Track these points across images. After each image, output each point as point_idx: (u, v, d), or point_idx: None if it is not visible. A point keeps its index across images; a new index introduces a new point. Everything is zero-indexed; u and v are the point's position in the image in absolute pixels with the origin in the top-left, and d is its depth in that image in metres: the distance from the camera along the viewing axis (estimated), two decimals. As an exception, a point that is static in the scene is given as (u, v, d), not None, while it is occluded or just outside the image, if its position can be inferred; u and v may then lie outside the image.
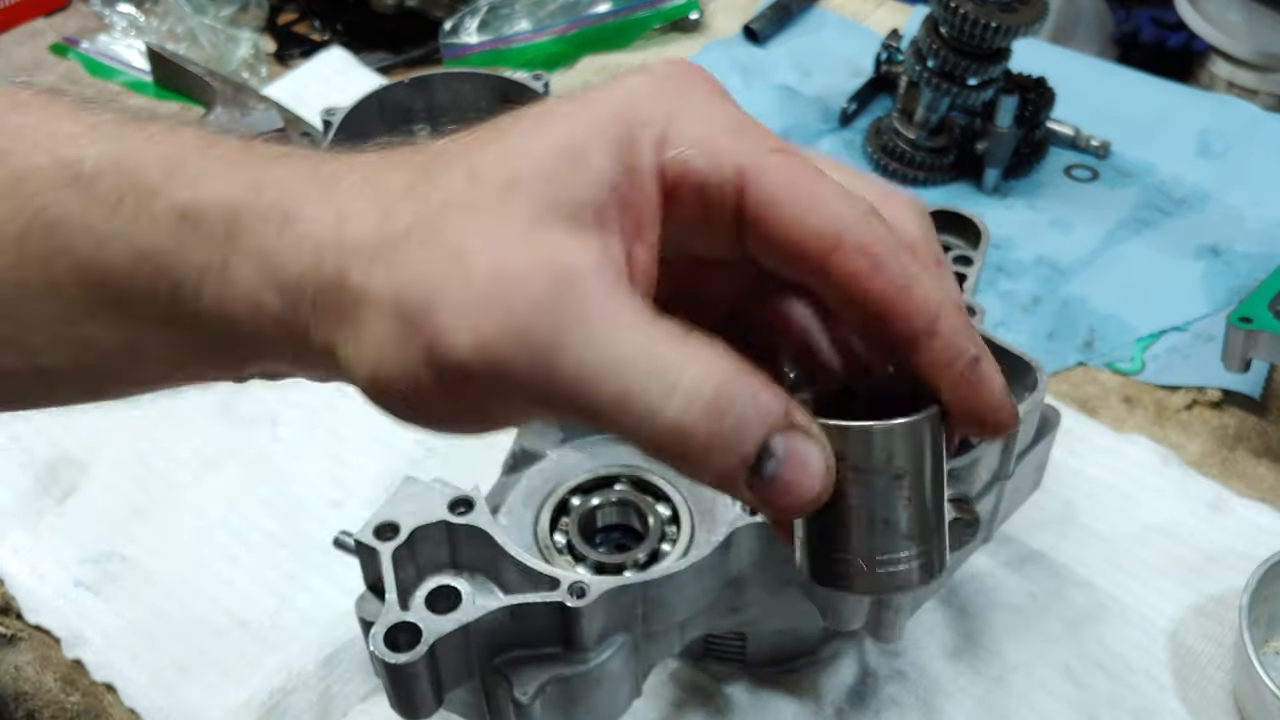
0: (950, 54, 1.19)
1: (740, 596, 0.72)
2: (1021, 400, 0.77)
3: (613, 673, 0.68)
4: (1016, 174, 1.28)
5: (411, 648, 0.63)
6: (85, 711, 0.85)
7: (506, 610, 0.65)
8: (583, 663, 0.67)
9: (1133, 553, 0.93)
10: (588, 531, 0.76)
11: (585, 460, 0.80)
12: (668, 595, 0.68)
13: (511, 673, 0.66)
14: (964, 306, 0.46)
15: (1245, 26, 2.03)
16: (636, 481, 0.78)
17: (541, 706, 0.66)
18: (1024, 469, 0.80)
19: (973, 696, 0.85)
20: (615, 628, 0.67)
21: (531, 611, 0.65)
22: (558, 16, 1.49)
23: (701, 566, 0.68)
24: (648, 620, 0.69)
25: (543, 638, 0.66)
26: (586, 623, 0.65)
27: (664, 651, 0.73)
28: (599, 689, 0.68)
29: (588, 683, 0.68)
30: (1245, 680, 0.81)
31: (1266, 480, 0.99)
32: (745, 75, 1.46)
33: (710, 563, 0.68)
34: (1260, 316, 0.96)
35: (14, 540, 0.95)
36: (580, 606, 0.64)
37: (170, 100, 1.44)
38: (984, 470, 0.76)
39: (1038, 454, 0.81)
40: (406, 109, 1.21)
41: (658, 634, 0.71)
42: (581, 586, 0.65)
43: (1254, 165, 1.29)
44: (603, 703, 0.70)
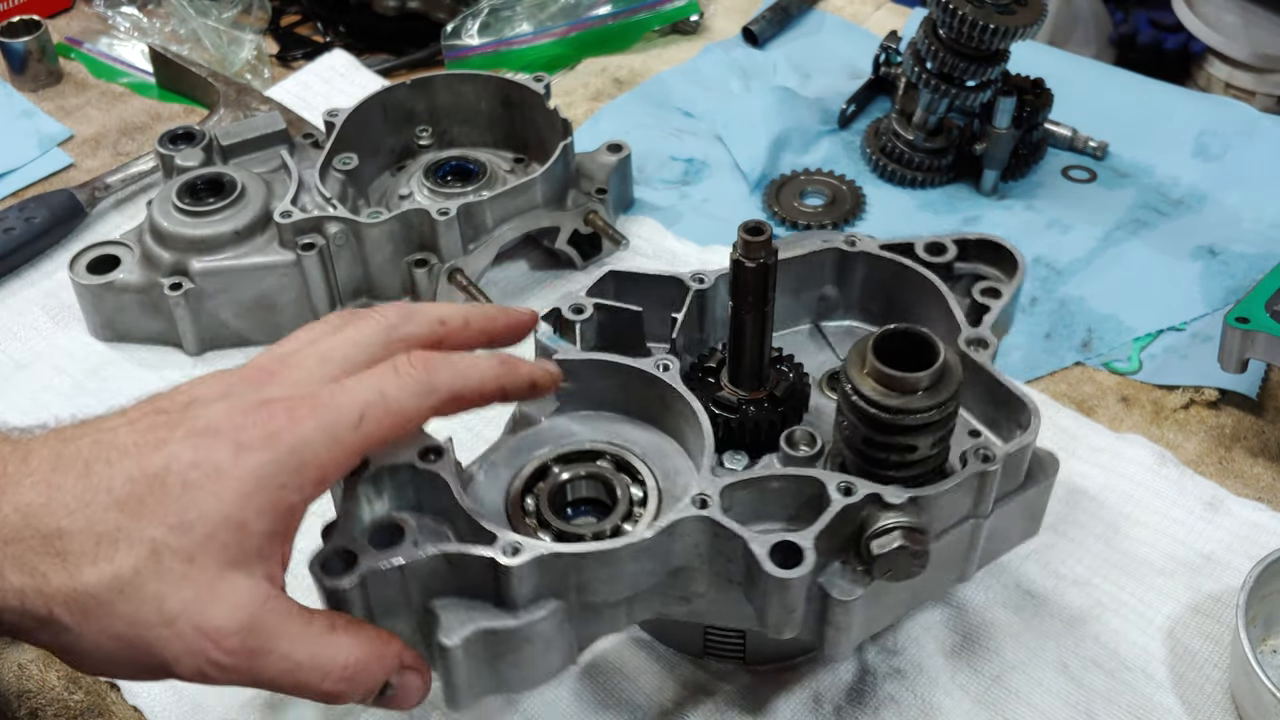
0: (948, 56, 1.19)
1: (689, 587, 0.73)
2: (1012, 437, 0.76)
3: (543, 634, 0.70)
4: (1014, 175, 1.29)
5: (345, 574, 0.67)
6: (88, 709, 0.86)
7: (443, 557, 0.68)
8: (512, 620, 0.69)
9: (1130, 551, 0.94)
10: (559, 500, 0.77)
11: (578, 431, 0.81)
12: (603, 571, 0.69)
13: (442, 616, 0.69)
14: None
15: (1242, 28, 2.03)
16: (618, 460, 0.79)
17: (465, 654, 0.69)
18: (1010, 511, 0.78)
19: (971, 694, 0.85)
20: (548, 592, 0.69)
21: (466, 562, 0.68)
22: (559, 19, 1.50)
23: (639, 549, 0.69)
24: (584, 592, 0.70)
25: (478, 590, 0.69)
26: (516, 581, 0.68)
27: (609, 627, 0.74)
28: (527, 647, 0.70)
29: (515, 640, 0.70)
30: (1242, 678, 0.81)
31: (1263, 479, 0.99)
32: (745, 77, 1.47)
33: (648, 547, 0.69)
34: (1257, 316, 0.96)
35: (18, 539, 0.95)
36: (511, 565, 0.67)
37: (173, 102, 1.45)
38: (953, 505, 0.74)
39: (1029, 499, 0.79)
40: (408, 111, 1.21)
41: (600, 608, 0.72)
42: (515, 545, 0.68)
43: (1251, 166, 1.29)
44: (530, 662, 0.71)
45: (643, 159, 1.31)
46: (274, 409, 0.62)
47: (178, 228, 1.08)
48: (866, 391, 0.69)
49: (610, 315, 0.83)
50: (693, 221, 1.25)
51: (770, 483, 0.73)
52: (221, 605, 0.59)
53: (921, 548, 0.70)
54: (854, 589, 0.71)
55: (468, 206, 1.08)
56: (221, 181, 1.11)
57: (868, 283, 0.88)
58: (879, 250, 0.86)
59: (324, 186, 1.11)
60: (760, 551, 0.68)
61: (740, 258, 0.74)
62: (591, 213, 1.16)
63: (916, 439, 0.70)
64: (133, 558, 0.58)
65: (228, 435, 0.61)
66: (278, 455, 0.61)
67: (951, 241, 0.87)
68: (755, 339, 0.78)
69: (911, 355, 0.70)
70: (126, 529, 0.59)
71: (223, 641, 0.59)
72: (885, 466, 0.72)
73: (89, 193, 1.25)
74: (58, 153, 1.38)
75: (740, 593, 0.72)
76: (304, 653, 0.62)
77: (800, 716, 0.84)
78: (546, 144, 1.18)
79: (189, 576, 0.59)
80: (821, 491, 0.71)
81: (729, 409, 0.79)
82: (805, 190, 1.29)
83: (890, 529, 0.69)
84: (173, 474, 0.60)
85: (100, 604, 0.58)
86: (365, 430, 0.63)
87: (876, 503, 0.71)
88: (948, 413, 0.70)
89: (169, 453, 0.60)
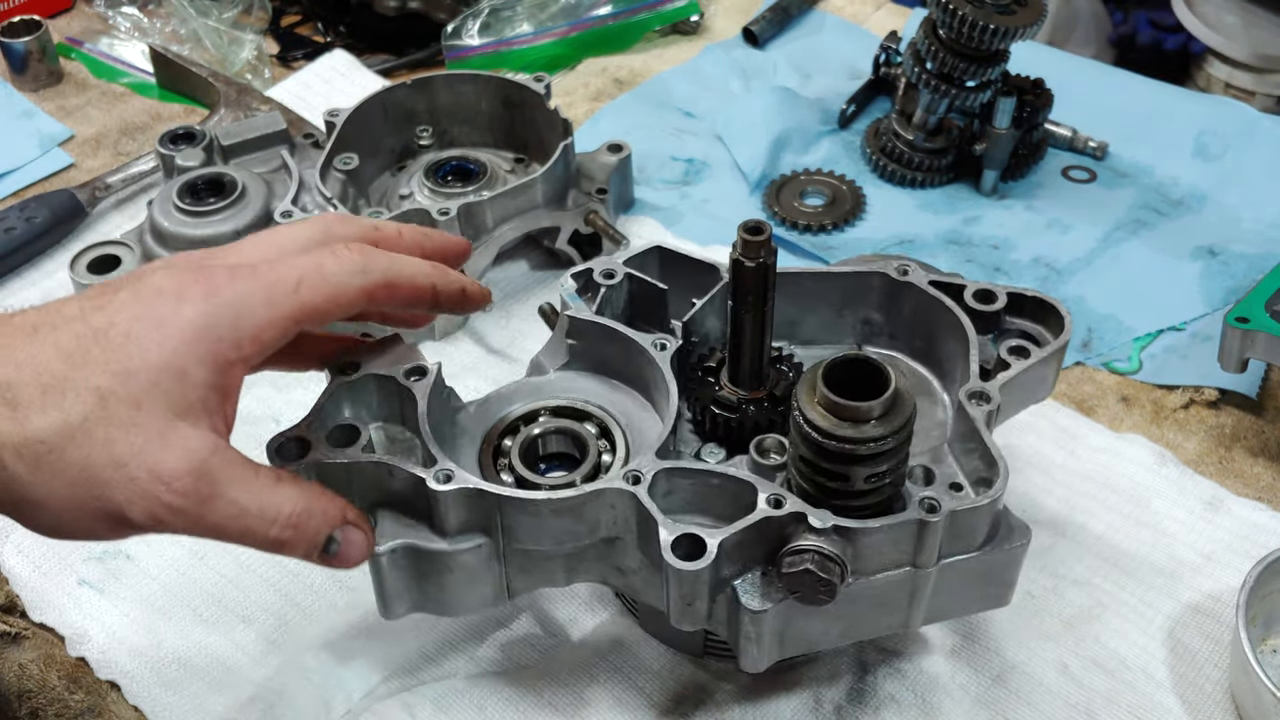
0: (948, 56, 1.19)
1: (622, 560, 0.75)
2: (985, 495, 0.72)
3: (468, 566, 0.74)
4: (1014, 175, 1.29)
5: (295, 460, 0.72)
6: (89, 709, 0.86)
7: (386, 467, 0.73)
8: (439, 543, 0.73)
9: (1130, 551, 0.94)
10: (532, 450, 0.80)
11: (579, 388, 0.83)
12: (525, 518, 0.72)
13: (379, 522, 0.74)
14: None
15: (1242, 29, 2.03)
16: (603, 426, 0.80)
17: (390, 563, 0.73)
18: (964, 570, 0.74)
19: (971, 694, 0.85)
20: (476, 527, 0.73)
21: (401, 478, 0.73)
22: (559, 19, 1.50)
23: (559, 505, 0.71)
24: (509, 535, 0.73)
25: (415, 510, 0.74)
26: (444, 508, 0.72)
27: (544, 580, 0.77)
28: (450, 575, 0.74)
29: (439, 565, 0.74)
30: (1242, 678, 0.81)
31: (1263, 479, 0.99)
32: (745, 77, 1.47)
33: (569, 507, 0.71)
34: (1257, 316, 0.96)
35: (19, 539, 0.95)
36: (438, 490, 0.71)
37: (173, 102, 1.45)
38: (884, 547, 0.71)
39: (989, 563, 0.75)
40: (409, 111, 1.21)
41: (534, 558, 0.75)
42: (448, 473, 0.71)
43: (1251, 166, 1.29)
44: (455, 590, 0.75)
45: (643, 159, 1.31)
46: (215, 271, 0.66)
47: (179, 228, 1.08)
48: (813, 417, 0.68)
49: (639, 287, 0.85)
50: (693, 221, 1.25)
51: (711, 478, 0.74)
52: (172, 450, 0.61)
53: (829, 577, 0.68)
54: (764, 602, 0.71)
55: (468, 206, 1.08)
56: (222, 181, 1.11)
57: (913, 315, 0.86)
58: (925, 285, 0.84)
59: (325, 186, 1.11)
60: (666, 537, 0.70)
61: (740, 257, 0.74)
62: (592, 213, 1.16)
63: (852, 469, 0.69)
64: (80, 405, 0.60)
65: (170, 293, 0.64)
66: (215, 308, 0.64)
67: (1005, 293, 0.84)
68: (754, 338, 0.78)
69: (865, 384, 0.68)
70: (72, 378, 0.61)
71: (174, 484, 0.61)
72: (825, 493, 0.71)
73: (90, 192, 1.25)
74: (58, 153, 1.38)
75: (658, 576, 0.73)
76: (251, 500, 0.64)
77: (800, 716, 0.84)
78: (547, 144, 1.18)
79: (137, 423, 0.61)
80: (753, 498, 0.72)
81: (728, 408, 0.79)
82: (805, 190, 1.29)
83: (804, 550, 0.69)
84: (116, 327, 0.62)
85: (51, 450, 0.59)
86: (302, 296, 0.66)
87: (802, 522, 0.70)
88: (891, 446, 0.68)
89: (113, 309, 0.63)
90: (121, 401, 0.60)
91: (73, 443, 0.60)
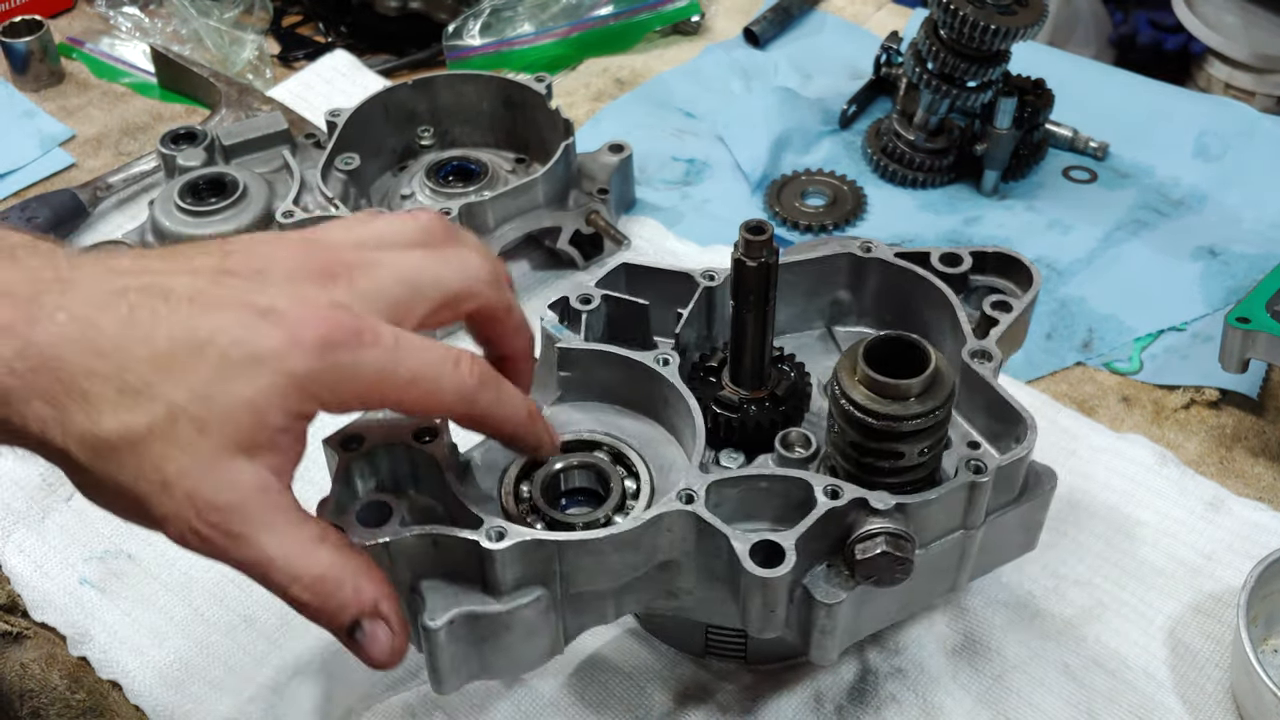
0: (949, 56, 1.19)
1: (675, 582, 0.74)
2: (1008, 450, 0.75)
3: (526, 621, 0.70)
4: (1015, 175, 1.29)
5: None
6: (91, 709, 0.86)
7: (430, 538, 0.69)
8: (496, 604, 0.69)
9: (1131, 551, 0.94)
10: (553, 489, 0.77)
11: (577, 420, 0.81)
12: (586, 560, 0.70)
13: (428, 598, 0.70)
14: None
15: (1242, 29, 2.04)
16: (614, 452, 0.79)
17: (448, 637, 0.69)
18: (1004, 525, 0.78)
19: (972, 694, 0.85)
20: (533, 580, 0.70)
21: (452, 544, 0.68)
22: (560, 19, 1.50)
23: (622, 540, 0.69)
24: (568, 581, 0.70)
25: (464, 574, 0.70)
26: (500, 567, 0.68)
27: (596, 618, 0.74)
28: (509, 634, 0.71)
29: (497, 625, 0.70)
30: (1243, 678, 0.81)
31: (1264, 479, 0.99)
32: (746, 78, 1.47)
33: (632, 539, 0.70)
34: (1258, 317, 0.96)
35: (20, 538, 0.95)
36: (495, 549, 0.67)
37: (174, 102, 1.45)
38: (941, 515, 0.74)
39: (1024, 513, 0.78)
40: (410, 111, 1.22)
41: (586, 599, 0.72)
42: (500, 531, 0.68)
43: (1251, 167, 1.29)
44: (514, 648, 0.72)
45: (644, 159, 1.31)
46: (342, 321, 0.61)
47: (180, 227, 1.08)
48: (857, 398, 0.69)
49: (618, 307, 0.83)
50: (694, 222, 1.25)
51: (759, 482, 0.73)
52: (216, 480, 0.59)
53: (905, 555, 0.69)
54: (838, 593, 0.71)
55: (469, 206, 1.08)
56: (224, 181, 1.12)
57: (881, 290, 0.88)
58: (893, 258, 0.86)
59: (326, 186, 1.11)
60: (741, 549, 0.69)
61: (742, 257, 0.74)
62: (593, 213, 1.16)
63: (905, 445, 0.70)
64: (149, 416, 0.58)
65: (286, 326, 0.60)
66: (325, 368, 0.60)
67: (968, 253, 0.87)
68: (756, 338, 0.78)
69: (903, 362, 0.70)
70: (152, 386, 0.58)
71: (207, 514, 0.59)
72: (874, 472, 0.72)
73: (91, 192, 1.26)
74: (59, 153, 1.38)
75: (725, 590, 0.73)
76: (279, 550, 0.61)
77: (802, 716, 0.84)
78: (548, 144, 1.18)
79: (196, 446, 0.58)
80: (809, 494, 0.72)
81: (730, 408, 0.79)
82: (806, 191, 1.29)
83: (874, 534, 0.70)
84: (215, 345, 0.59)
85: (112, 451, 0.58)
86: (404, 394, 0.63)
87: (863, 508, 0.71)
88: (937, 420, 0.70)
89: (219, 321, 0.59)
90: (190, 422, 0.58)
91: (131, 451, 0.58)
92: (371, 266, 0.64)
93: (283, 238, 0.66)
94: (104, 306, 0.59)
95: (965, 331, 0.81)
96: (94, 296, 0.59)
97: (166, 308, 0.59)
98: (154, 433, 0.58)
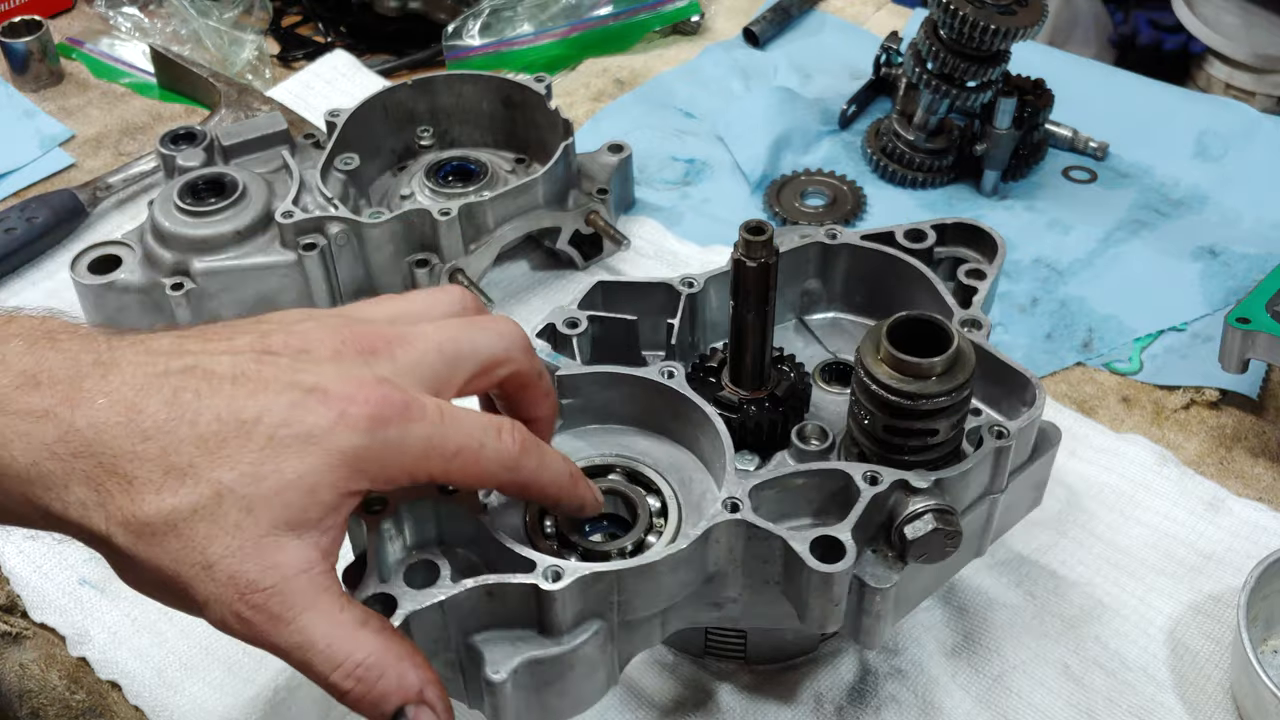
0: (949, 56, 1.19)
1: (721, 592, 0.73)
2: (1018, 415, 0.77)
3: (587, 658, 0.69)
4: (1015, 175, 1.29)
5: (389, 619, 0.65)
6: (90, 709, 0.86)
7: (483, 589, 0.67)
8: (556, 646, 0.68)
9: (1130, 552, 0.94)
10: (576, 519, 0.75)
11: (582, 448, 0.80)
12: (644, 585, 0.69)
13: (486, 651, 0.68)
14: None
15: (1242, 29, 2.04)
16: (630, 473, 0.78)
17: (513, 686, 0.68)
18: (1020, 485, 0.80)
19: (972, 694, 0.85)
20: (591, 613, 0.69)
21: (507, 592, 0.67)
22: (559, 19, 1.50)
23: (678, 559, 0.69)
24: (624, 609, 0.69)
25: (519, 619, 0.68)
26: (560, 607, 0.66)
27: (644, 642, 0.74)
28: (572, 673, 0.69)
29: (561, 666, 0.69)
30: (1243, 678, 0.81)
31: (1264, 480, 0.99)
32: (745, 78, 1.47)
33: (687, 556, 0.69)
34: (1258, 317, 0.96)
35: (19, 539, 0.95)
36: (555, 590, 0.66)
37: (174, 102, 1.45)
38: (973, 484, 0.75)
39: (1035, 471, 0.81)
40: (409, 111, 1.22)
41: (637, 623, 0.71)
42: (557, 570, 0.66)
43: (1251, 167, 1.29)
44: (576, 687, 0.71)
45: (644, 159, 1.31)
46: (389, 397, 0.61)
47: (179, 228, 1.08)
48: (883, 378, 0.70)
49: (603, 327, 0.83)
50: (694, 222, 1.25)
51: (794, 479, 0.73)
52: (260, 561, 0.58)
53: (954, 528, 0.71)
54: (890, 575, 0.72)
55: (469, 207, 1.08)
56: (223, 181, 1.12)
57: (850, 274, 0.89)
58: (861, 241, 0.87)
59: (325, 186, 1.11)
60: (802, 549, 0.69)
61: (742, 257, 0.74)
62: (593, 213, 1.16)
63: (938, 422, 0.72)
64: (194, 496, 0.57)
65: (334, 404, 0.59)
66: (374, 444, 0.60)
67: (930, 227, 0.88)
68: (757, 338, 0.78)
69: (923, 341, 0.71)
70: (198, 467, 0.57)
71: (250, 596, 0.58)
72: (904, 452, 0.73)
73: (90, 193, 1.25)
74: (59, 153, 1.38)
75: (774, 592, 0.73)
76: (321, 634, 0.59)
77: (801, 716, 0.84)
78: (548, 144, 1.18)
79: (242, 527, 0.58)
80: (847, 483, 0.72)
81: (730, 409, 0.79)
82: (806, 191, 1.29)
83: (921, 513, 0.70)
84: (263, 425, 0.58)
85: (153, 534, 0.57)
86: (450, 465, 0.63)
87: (903, 488, 0.72)
88: (966, 394, 0.72)
89: (265, 402, 0.59)
90: (236, 502, 0.58)
91: (174, 532, 0.57)
92: (410, 340, 0.64)
93: (318, 315, 0.66)
94: (146, 389, 0.59)
95: (950, 303, 0.82)
96: (135, 379, 0.59)
97: (210, 388, 0.59)
98: (199, 513, 0.57)
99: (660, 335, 0.84)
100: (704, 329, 0.87)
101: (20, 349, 0.60)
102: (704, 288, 0.85)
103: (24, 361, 0.59)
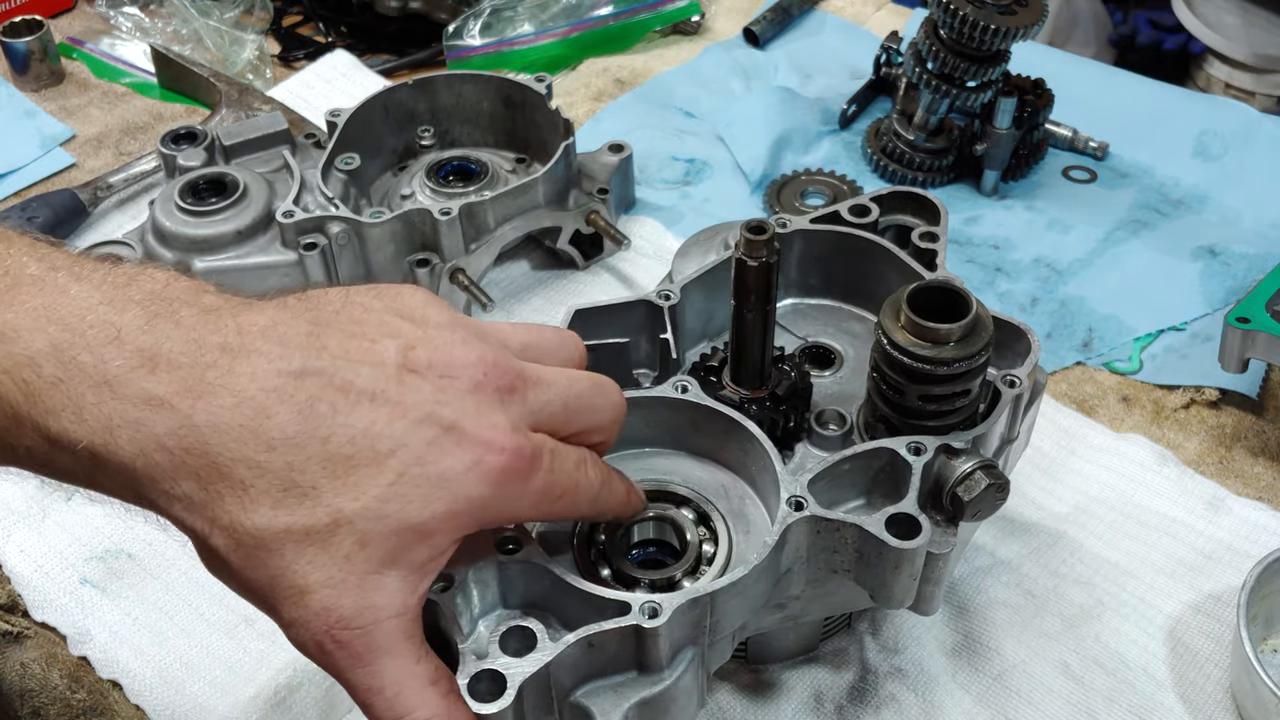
0: (949, 56, 1.19)
1: (786, 592, 0.74)
2: (1017, 366, 0.79)
3: (686, 687, 0.69)
4: (1015, 175, 1.29)
5: (497, 696, 0.62)
6: (91, 708, 0.86)
7: (584, 641, 0.65)
8: (659, 683, 0.67)
9: (1130, 551, 0.94)
10: (624, 549, 0.75)
11: None
12: (734, 601, 0.69)
13: (592, 705, 0.66)
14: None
15: (1242, 29, 2.04)
16: (662, 494, 0.77)
17: None
18: (1024, 430, 0.83)
19: (972, 693, 0.85)
20: (686, 642, 0.68)
21: (606, 639, 0.65)
22: (560, 19, 1.50)
23: (762, 569, 0.69)
24: (714, 629, 0.69)
25: (616, 665, 0.67)
26: (662, 641, 0.66)
27: (720, 658, 0.73)
28: (675, 706, 0.69)
29: (665, 701, 0.68)
30: (1243, 677, 0.81)
31: (1264, 479, 0.99)
32: (745, 77, 1.47)
33: (770, 563, 0.70)
34: (1258, 316, 0.96)
35: (20, 538, 0.96)
36: (657, 626, 0.64)
37: (174, 102, 1.45)
38: (995, 436, 0.78)
39: (1032, 415, 0.84)
40: (410, 111, 1.22)
41: (718, 642, 0.72)
42: (654, 606, 0.65)
43: (1251, 167, 1.29)
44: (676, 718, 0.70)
45: (644, 159, 1.31)
46: (522, 450, 0.59)
47: (180, 227, 1.08)
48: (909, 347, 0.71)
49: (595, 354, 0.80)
50: (694, 222, 1.25)
51: (841, 466, 0.74)
52: (360, 599, 0.56)
53: (1003, 480, 0.72)
54: (948, 539, 0.73)
55: (469, 206, 1.08)
56: (224, 181, 1.12)
57: (803, 259, 0.90)
58: (811, 225, 0.88)
59: (326, 186, 1.11)
60: (878, 530, 0.69)
61: (742, 256, 0.74)
62: (593, 213, 1.16)
63: (969, 383, 0.73)
64: (311, 520, 0.55)
65: (470, 449, 0.57)
66: (501, 495, 0.59)
67: (870, 200, 0.90)
68: (758, 337, 0.78)
69: (938, 308, 0.72)
70: (320, 491, 0.55)
71: (337, 631, 0.56)
72: (933, 417, 0.74)
73: (91, 192, 1.26)
74: (60, 152, 1.38)
75: (835, 583, 0.73)
76: (392, 682, 0.58)
77: (802, 715, 0.84)
78: (548, 144, 1.18)
79: (351, 559, 0.56)
80: (891, 459, 0.73)
81: (731, 407, 0.79)
82: (806, 190, 1.29)
83: (971, 472, 0.72)
84: (396, 459, 0.56)
85: (258, 546, 0.55)
86: (554, 506, 0.63)
87: (947, 452, 0.73)
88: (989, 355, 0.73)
89: (402, 433, 0.56)
90: (352, 534, 0.55)
91: (278, 550, 0.55)
92: (543, 384, 0.63)
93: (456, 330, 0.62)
94: (278, 393, 0.55)
95: (918, 269, 0.84)
96: (265, 377, 0.55)
97: (347, 404, 0.56)
98: (310, 537, 0.55)
99: (642, 353, 0.84)
100: (683, 338, 0.85)
101: (139, 321, 0.55)
102: (683, 297, 0.84)
103: (142, 339, 0.54)
